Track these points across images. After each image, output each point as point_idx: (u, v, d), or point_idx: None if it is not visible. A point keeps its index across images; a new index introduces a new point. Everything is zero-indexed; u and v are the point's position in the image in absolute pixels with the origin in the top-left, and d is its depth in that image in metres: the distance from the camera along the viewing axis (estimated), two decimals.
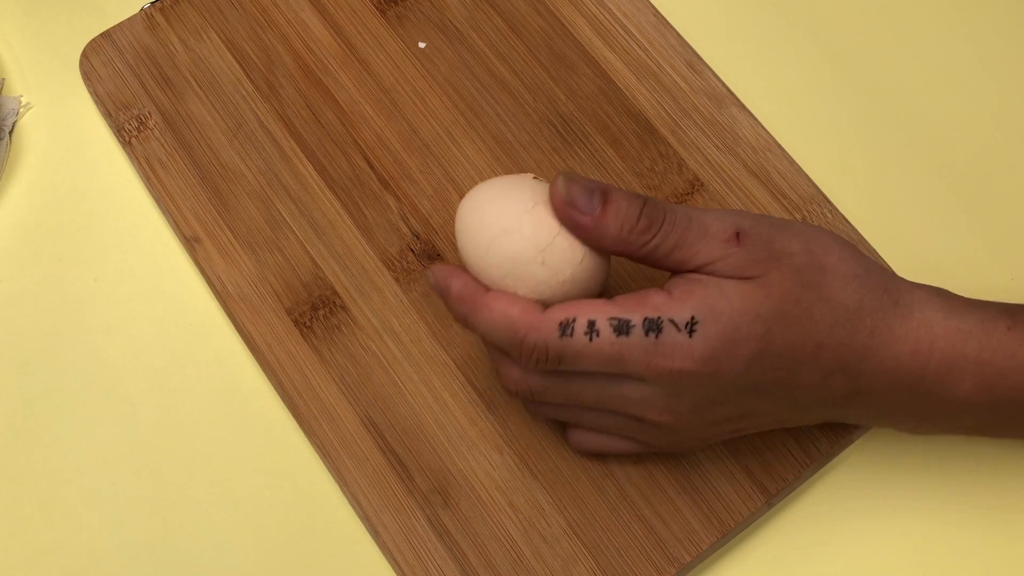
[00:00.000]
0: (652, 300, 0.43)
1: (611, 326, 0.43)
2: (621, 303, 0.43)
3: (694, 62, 0.60)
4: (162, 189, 0.57)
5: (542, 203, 0.45)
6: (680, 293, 0.43)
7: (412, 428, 0.52)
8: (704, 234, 0.44)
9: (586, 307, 0.43)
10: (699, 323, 0.43)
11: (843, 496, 0.53)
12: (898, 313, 0.45)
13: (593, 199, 0.44)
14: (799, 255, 0.44)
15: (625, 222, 0.43)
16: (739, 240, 0.43)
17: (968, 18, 0.63)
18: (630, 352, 0.43)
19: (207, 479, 0.53)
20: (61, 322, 0.56)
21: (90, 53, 0.60)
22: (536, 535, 0.50)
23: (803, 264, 0.44)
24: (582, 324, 0.43)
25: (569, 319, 0.43)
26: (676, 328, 0.43)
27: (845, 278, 0.45)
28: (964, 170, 0.59)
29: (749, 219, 0.45)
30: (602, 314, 0.43)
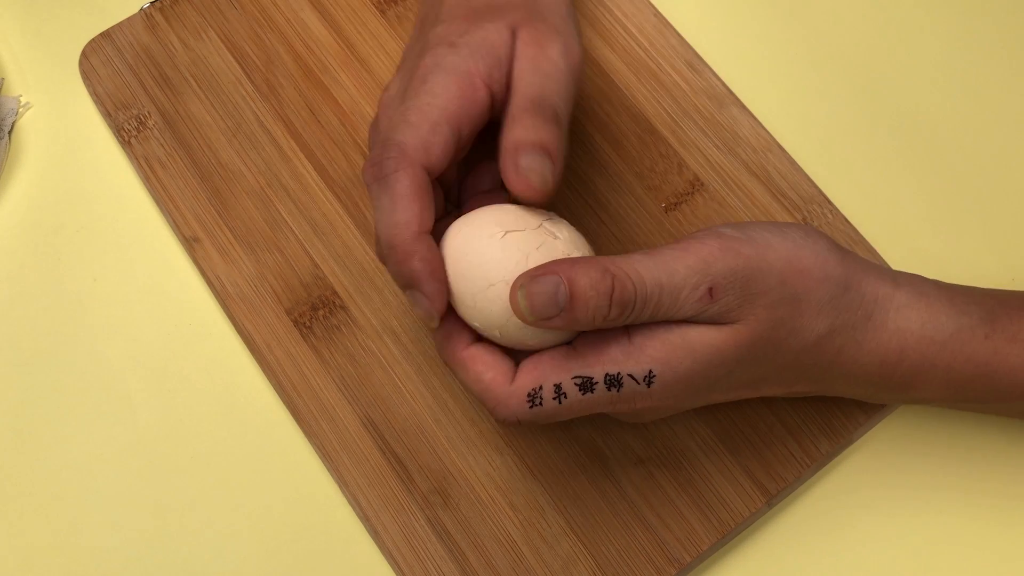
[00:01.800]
0: (611, 353, 0.43)
1: (576, 386, 0.43)
2: (582, 352, 0.43)
3: (694, 62, 0.60)
4: (161, 189, 0.57)
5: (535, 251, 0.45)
6: (640, 341, 0.43)
7: (412, 428, 0.52)
8: (677, 297, 0.43)
9: (550, 369, 0.43)
10: (656, 376, 0.43)
11: (843, 496, 0.53)
12: (870, 327, 0.46)
13: (558, 301, 0.42)
14: (775, 291, 0.44)
15: (596, 315, 0.42)
16: (712, 296, 0.43)
17: (968, 18, 0.63)
18: (597, 404, 0.44)
19: (207, 479, 0.53)
20: (61, 322, 0.56)
21: (90, 53, 0.60)
22: (536, 535, 0.50)
23: (778, 299, 0.44)
24: (548, 390, 0.43)
25: (536, 389, 0.43)
26: (635, 382, 0.43)
27: (819, 305, 0.45)
28: (964, 170, 0.59)
29: (723, 263, 0.43)
30: (566, 374, 0.43)
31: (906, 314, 0.46)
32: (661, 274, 0.42)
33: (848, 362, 0.46)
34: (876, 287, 0.46)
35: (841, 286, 0.45)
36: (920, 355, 0.46)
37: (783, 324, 0.44)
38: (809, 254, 0.45)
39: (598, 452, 0.51)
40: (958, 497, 0.53)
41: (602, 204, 0.56)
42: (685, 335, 0.43)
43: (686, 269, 0.43)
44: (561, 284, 0.42)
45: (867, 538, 0.52)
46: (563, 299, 0.42)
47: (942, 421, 0.54)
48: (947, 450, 0.53)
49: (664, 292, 0.42)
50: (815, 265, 0.45)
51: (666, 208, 0.56)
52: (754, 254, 0.44)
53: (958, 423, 0.54)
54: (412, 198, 0.45)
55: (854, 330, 0.45)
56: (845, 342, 0.45)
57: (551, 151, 0.45)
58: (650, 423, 0.52)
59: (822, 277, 0.45)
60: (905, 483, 0.53)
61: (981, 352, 0.46)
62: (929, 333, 0.46)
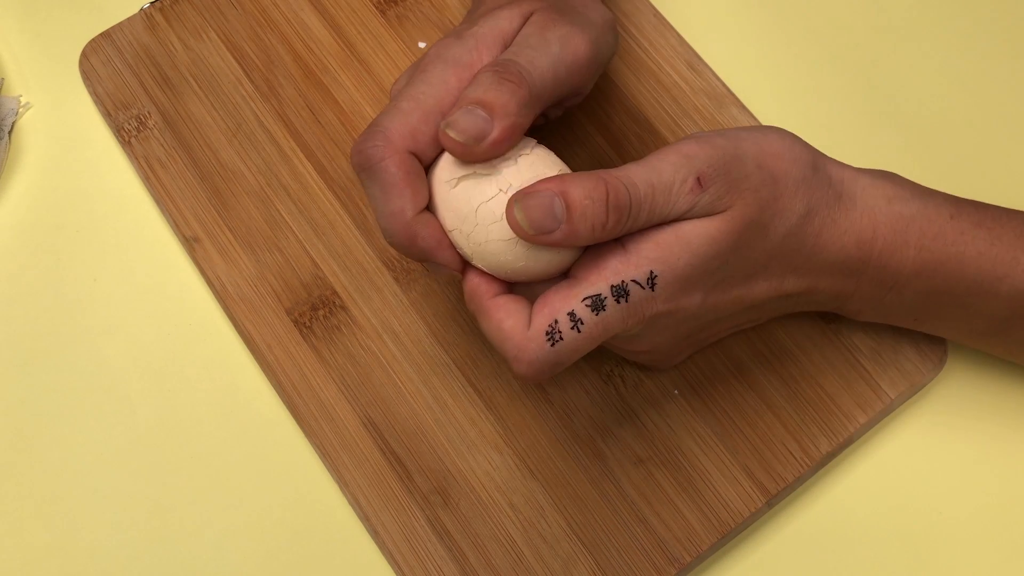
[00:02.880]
0: (609, 265, 0.44)
1: (588, 307, 0.43)
2: (583, 277, 0.44)
3: (694, 62, 0.60)
4: (161, 189, 0.57)
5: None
6: (635, 246, 0.44)
7: (412, 428, 0.52)
8: (669, 194, 0.44)
9: (559, 300, 0.44)
10: (657, 276, 0.44)
11: (843, 496, 0.53)
12: (842, 206, 0.47)
13: (555, 213, 0.43)
14: (755, 175, 0.45)
15: (595, 224, 0.43)
16: (701, 185, 0.44)
17: (968, 18, 0.63)
18: (612, 321, 0.44)
19: (207, 479, 0.53)
20: (61, 322, 0.56)
21: (90, 53, 0.60)
22: (536, 535, 0.50)
23: (759, 183, 0.45)
24: (565, 321, 0.43)
25: (552, 324, 0.43)
26: (640, 287, 0.44)
27: (796, 184, 0.46)
28: (964, 170, 0.59)
29: (704, 153, 0.44)
30: (575, 300, 0.43)
31: (872, 192, 0.48)
32: (651, 175, 0.43)
33: (828, 244, 0.47)
34: (840, 170, 0.48)
35: (810, 166, 0.47)
36: (891, 230, 0.48)
37: (768, 206, 0.45)
38: (776, 139, 0.46)
39: (598, 452, 0.51)
40: (958, 497, 0.53)
41: None
42: (678, 231, 0.44)
43: (672, 166, 0.44)
44: (556, 197, 0.42)
45: (867, 538, 0.52)
46: (560, 211, 0.42)
47: (942, 422, 0.54)
48: (947, 451, 0.54)
49: (657, 191, 0.43)
50: (784, 148, 0.46)
51: None
52: (728, 144, 0.45)
53: (958, 424, 0.54)
54: (402, 185, 0.45)
55: (828, 208, 0.47)
56: (823, 223, 0.47)
57: (494, 108, 0.45)
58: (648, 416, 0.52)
59: (792, 158, 0.46)
60: (905, 484, 0.53)
61: (948, 232, 0.48)
62: (897, 208, 0.48)
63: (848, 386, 0.53)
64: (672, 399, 0.52)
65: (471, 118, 0.44)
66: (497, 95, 0.45)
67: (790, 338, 0.54)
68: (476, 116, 0.44)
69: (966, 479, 0.53)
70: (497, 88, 0.45)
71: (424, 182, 0.46)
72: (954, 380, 0.55)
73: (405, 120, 0.46)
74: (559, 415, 0.52)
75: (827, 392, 0.53)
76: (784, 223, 0.46)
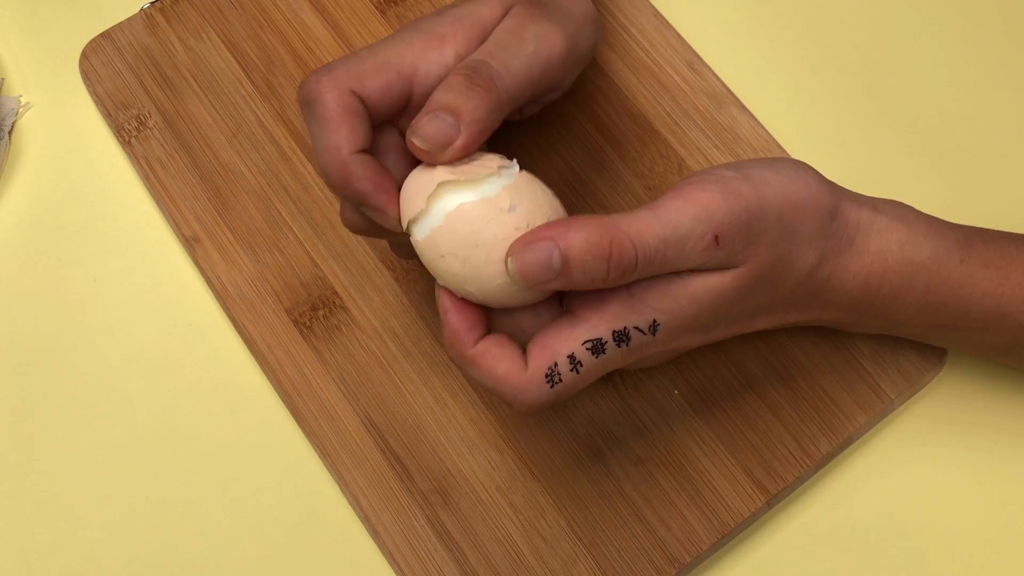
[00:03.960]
0: (613, 309, 0.43)
1: (588, 351, 0.43)
2: (585, 318, 0.43)
3: (694, 62, 0.60)
4: (162, 189, 0.57)
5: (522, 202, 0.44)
6: (640, 293, 0.43)
7: (412, 428, 0.52)
8: (683, 250, 0.42)
9: (559, 342, 0.43)
10: (660, 324, 0.43)
11: (843, 495, 0.53)
12: (853, 251, 0.47)
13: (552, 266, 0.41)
14: (773, 228, 0.44)
15: (594, 278, 0.42)
16: (718, 244, 0.43)
17: (968, 18, 0.63)
18: (611, 363, 0.44)
19: (207, 479, 0.53)
20: (61, 322, 0.56)
21: (90, 53, 0.60)
22: (536, 535, 0.50)
23: (777, 236, 0.44)
24: (564, 364, 0.43)
25: (552, 367, 0.43)
26: (642, 333, 0.43)
27: (810, 236, 0.45)
28: (964, 170, 0.59)
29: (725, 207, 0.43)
30: (576, 342, 0.43)
31: (886, 236, 0.47)
32: (664, 229, 0.42)
33: (835, 287, 0.47)
34: (858, 212, 0.47)
35: (828, 215, 0.46)
36: (899, 276, 0.47)
37: (781, 260, 0.45)
38: (802, 187, 0.45)
39: (598, 452, 0.51)
40: (958, 497, 0.53)
41: (602, 204, 0.56)
42: (687, 285, 0.43)
43: (689, 220, 0.42)
44: (554, 250, 0.41)
45: (867, 538, 0.52)
46: (557, 264, 0.41)
47: (942, 422, 0.54)
48: (947, 451, 0.54)
49: (669, 247, 0.42)
50: (808, 197, 0.45)
51: None
52: (753, 193, 0.44)
53: (958, 424, 0.54)
54: (337, 121, 0.44)
55: (839, 255, 0.46)
56: (833, 268, 0.46)
57: (462, 113, 0.44)
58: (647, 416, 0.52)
59: (814, 208, 0.45)
60: (905, 484, 0.53)
61: (956, 275, 0.47)
62: (908, 254, 0.47)
63: (848, 386, 0.53)
64: (672, 399, 0.52)
65: (436, 124, 0.44)
66: (465, 100, 0.44)
67: (790, 339, 0.53)
68: (442, 122, 0.44)
69: (966, 479, 0.53)
70: (466, 93, 0.44)
71: (365, 124, 0.45)
72: (954, 380, 0.55)
73: (355, 63, 0.45)
74: (559, 415, 0.52)
75: (827, 392, 0.53)
76: (795, 274, 0.45)
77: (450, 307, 0.44)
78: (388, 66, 0.46)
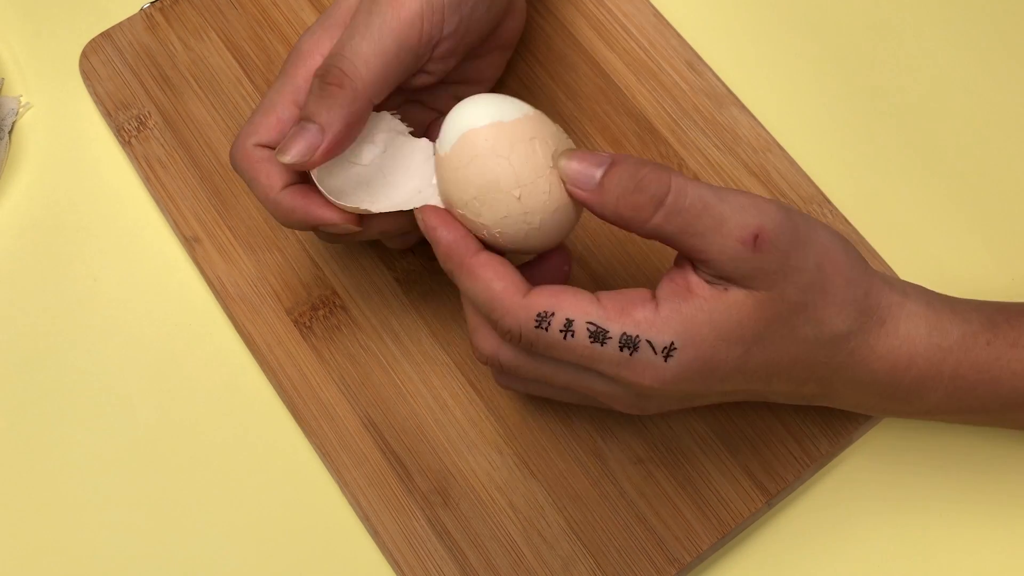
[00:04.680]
0: (636, 315, 0.42)
1: (588, 331, 0.42)
2: (605, 305, 0.42)
3: (694, 62, 0.60)
4: (162, 189, 0.57)
5: (539, 139, 0.44)
6: (667, 312, 0.42)
7: (412, 428, 0.52)
8: (719, 227, 0.41)
9: (568, 303, 0.42)
10: (677, 349, 0.42)
11: (843, 496, 0.53)
12: (883, 332, 0.45)
13: (594, 173, 0.42)
14: (809, 273, 0.43)
15: (622, 195, 0.42)
16: (756, 246, 0.41)
17: (968, 18, 0.63)
18: (602, 359, 0.42)
19: (207, 479, 0.53)
20: (61, 322, 0.56)
21: (90, 53, 0.60)
22: (536, 535, 0.50)
23: (809, 283, 0.43)
24: (559, 320, 0.42)
25: (547, 312, 0.42)
26: (652, 350, 0.42)
27: (843, 304, 0.44)
28: (964, 170, 0.59)
29: (778, 215, 0.42)
30: (582, 315, 0.42)
31: (915, 321, 0.46)
32: (710, 196, 0.41)
33: (859, 365, 0.45)
34: (890, 295, 0.46)
35: (863, 290, 0.45)
36: (927, 361, 0.46)
37: (806, 310, 0.43)
38: (843, 252, 0.45)
39: (598, 452, 0.51)
40: (958, 497, 0.53)
41: None
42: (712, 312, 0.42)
43: (738, 206, 0.41)
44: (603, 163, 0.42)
45: (867, 538, 0.52)
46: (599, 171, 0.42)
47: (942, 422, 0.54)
48: (947, 450, 0.53)
49: (707, 211, 0.41)
50: (848, 264, 0.44)
51: None
52: (804, 226, 0.43)
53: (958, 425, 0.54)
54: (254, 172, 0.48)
55: (867, 334, 0.45)
56: (858, 345, 0.45)
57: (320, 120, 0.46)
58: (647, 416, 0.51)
59: (851, 277, 0.44)
60: (905, 483, 0.53)
61: (984, 358, 0.46)
62: (936, 340, 0.46)
63: None
64: None
65: (298, 138, 0.46)
66: (320, 106, 0.46)
67: None
68: (305, 132, 0.46)
69: (966, 479, 0.53)
70: (319, 99, 0.46)
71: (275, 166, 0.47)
72: None
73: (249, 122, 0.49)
74: (559, 415, 0.52)
75: None
76: (817, 332, 0.44)
77: (441, 223, 0.45)
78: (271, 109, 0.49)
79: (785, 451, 0.51)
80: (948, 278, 0.50)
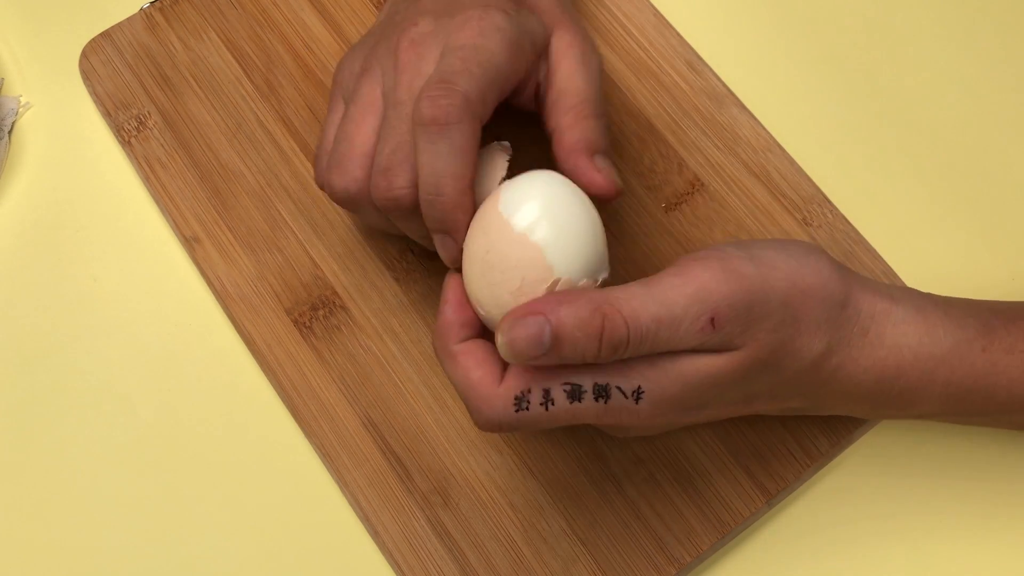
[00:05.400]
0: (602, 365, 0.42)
1: (565, 392, 0.42)
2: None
3: (694, 62, 0.60)
4: (161, 189, 0.57)
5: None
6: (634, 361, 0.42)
7: (412, 428, 0.52)
8: (676, 331, 0.41)
9: (540, 374, 0.42)
10: (645, 393, 0.42)
11: (843, 496, 0.53)
12: (866, 342, 0.45)
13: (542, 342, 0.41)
14: (777, 314, 0.43)
15: (585, 354, 0.41)
16: (714, 326, 0.41)
17: (968, 18, 0.63)
18: (584, 414, 0.43)
19: (207, 479, 0.53)
20: (61, 322, 0.56)
21: (89, 53, 0.60)
22: (536, 535, 0.50)
23: (779, 323, 0.43)
24: (537, 395, 0.42)
25: (524, 392, 0.42)
26: (623, 395, 0.42)
27: (816, 324, 0.44)
28: (964, 170, 0.59)
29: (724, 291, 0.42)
30: (556, 380, 0.42)
31: (903, 329, 0.45)
32: (659, 308, 0.41)
33: (844, 379, 0.45)
34: (873, 302, 0.45)
35: (839, 304, 0.44)
36: (918, 371, 0.45)
37: (782, 346, 0.43)
38: (811, 272, 0.44)
39: (598, 452, 0.51)
40: (958, 497, 0.53)
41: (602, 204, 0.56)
42: (676, 363, 0.42)
43: (686, 299, 0.41)
44: (546, 326, 0.40)
45: (867, 538, 0.52)
46: (547, 340, 0.40)
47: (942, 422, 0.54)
48: (947, 451, 0.53)
49: (662, 327, 0.41)
50: (817, 284, 0.44)
51: (666, 208, 0.56)
52: (757, 276, 0.43)
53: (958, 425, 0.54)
54: (470, 151, 0.45)
55: (849, 347, 0.44)
56: (842, 360, 0.44)
57: (610, 151, 0.48)
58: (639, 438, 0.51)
59: (822, 296, 0.44)
60: (905, 483, 0.53)
61: (979, 365, 0.45)
62: (927, 348, 0.45)
63: None
64: None
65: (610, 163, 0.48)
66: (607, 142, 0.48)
67: None
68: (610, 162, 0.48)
69: (965, 479, 0.53)
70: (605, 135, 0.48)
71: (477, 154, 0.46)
72: None
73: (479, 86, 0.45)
74: None
75: None
76: (797, 362, 0.44)
77: (451, 299, 0.45)
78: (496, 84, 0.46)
79: (785, 451, 0.51)
80: (948, 278, 0.50)
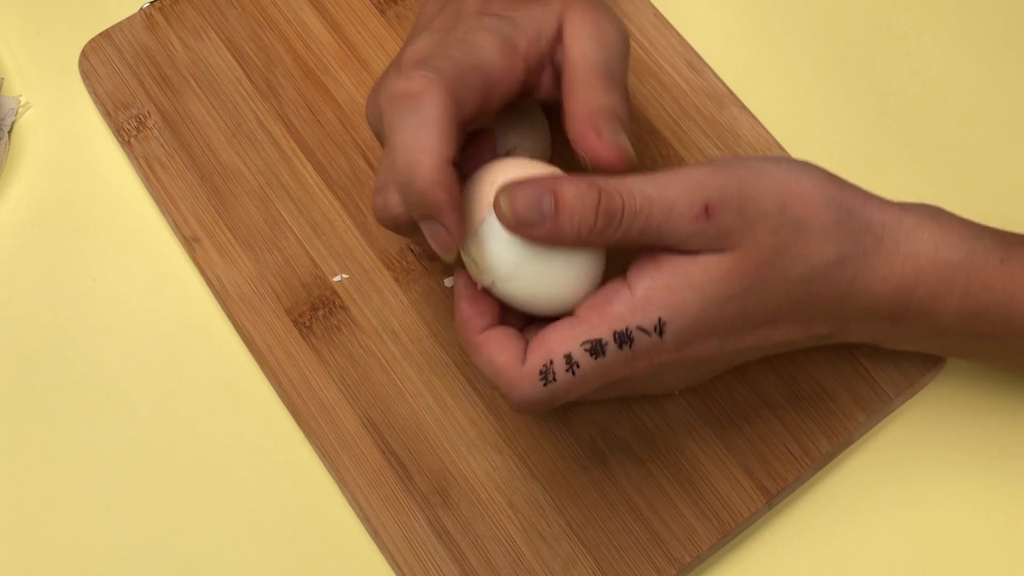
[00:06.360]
0: (615, 310, 0.42)
1: (586, 351, 0.42)
2: (585, 318, 0.42)
3: (694, 62, 0.60)
4: (161, 189, 0.57)
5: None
6: (643, 292, 0.42)
7: (412, 428, 0.52)
8: (670, 213, 0.41)
9: (556, 340, 0.42)
10: (667, 323, 0.42)
11: (843, 496, 0.53)
12: (881, 251, 0.44)
13: (542, 208, 0.41)
14: (774, 216, 0.42)
15: (582, 225, 0.41)
16: (708, 215, 0.41)
17: (968, 18, 0.63)
18: (612, 368, 0.43)
19: (207, 479, 0.53)
20: (61, 322, 0.56)
21: (89, 53, 0.60)
22: (536, 535, 0.50)
23: (779, 225, 0.42)
24: (560, 363, 0.42)
25: (547, 364, 0.42)
26: (646, 334, 0.42)
27: (824, 231, 0.43)
28: (964, 170, 0.59)
29: (717, 182, 0.42)
30: (574, 342, 0.42)
31: (917, 235, 0.45)
32: (652, 189, 0.42)
33: (863, 291, 0.44)
34: (882, 212, 0.45)
35: (845, 211, 0.44)
36: (935, 278, 0.44)
37: (788, 250, 0.43)
38: (804, 179, 0.44)
39: (598, 452, 0.51)
40: (958, 496, 0.53)
41: None
42: (688, 274, 0.42)
43: (679, 187, 0.42)
44: (546, 193, 0.41)
45: (867, 538, 0.52)
46: (548, 207, 0.41)
47: (942, 421, 0.54)
48: (947, 451, 0.54)
49: (655, 206, 0.41)
50: (813, 189, 0.44)
51: None
52: (749, 176, 0.43)
53: (958, 424, 0.54)
54: (444, 125, 0.43)
55: (866, 256, 0.44)
56: (858, 269, 0.44)
57: (623, 119, 0.45)
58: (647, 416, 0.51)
59: (823, 202, 0.43)
60: (906, 483, 0.53)
61: (997, 277, 0.45)
62: (943, 255, 0.44)
63: (848, 385, 0.53)
64: (672, 399, 0.52)
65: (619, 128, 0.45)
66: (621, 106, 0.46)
67: None
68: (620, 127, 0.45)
69: (966, 479, 0.53)
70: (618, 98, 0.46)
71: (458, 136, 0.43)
72: (953, 380, 0.55)
73: (456, 67, 0.44)
74: (559, 415, 0.52)
75: (827, 391, 0.52)
76: (807, 268, 0.43)
77: (464, 294, 0.45)
78: (477, 72, 0.45)
79: (785, 451, 0.51)
80: None
